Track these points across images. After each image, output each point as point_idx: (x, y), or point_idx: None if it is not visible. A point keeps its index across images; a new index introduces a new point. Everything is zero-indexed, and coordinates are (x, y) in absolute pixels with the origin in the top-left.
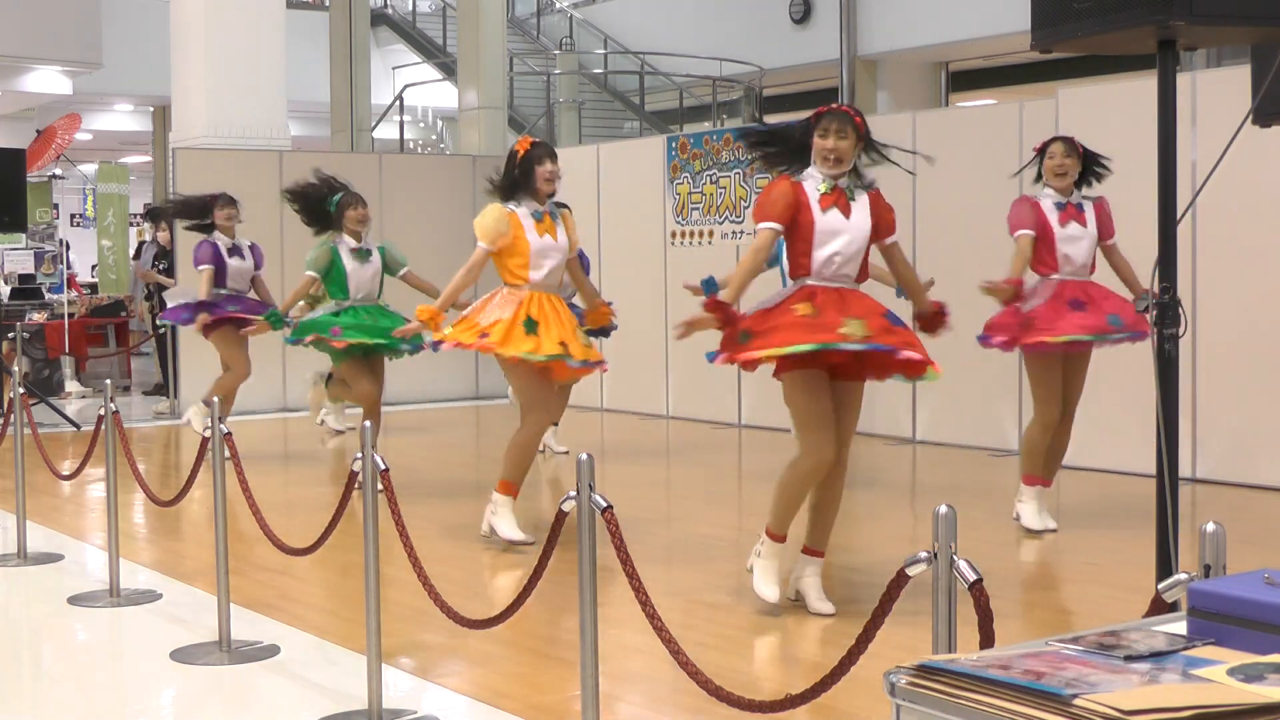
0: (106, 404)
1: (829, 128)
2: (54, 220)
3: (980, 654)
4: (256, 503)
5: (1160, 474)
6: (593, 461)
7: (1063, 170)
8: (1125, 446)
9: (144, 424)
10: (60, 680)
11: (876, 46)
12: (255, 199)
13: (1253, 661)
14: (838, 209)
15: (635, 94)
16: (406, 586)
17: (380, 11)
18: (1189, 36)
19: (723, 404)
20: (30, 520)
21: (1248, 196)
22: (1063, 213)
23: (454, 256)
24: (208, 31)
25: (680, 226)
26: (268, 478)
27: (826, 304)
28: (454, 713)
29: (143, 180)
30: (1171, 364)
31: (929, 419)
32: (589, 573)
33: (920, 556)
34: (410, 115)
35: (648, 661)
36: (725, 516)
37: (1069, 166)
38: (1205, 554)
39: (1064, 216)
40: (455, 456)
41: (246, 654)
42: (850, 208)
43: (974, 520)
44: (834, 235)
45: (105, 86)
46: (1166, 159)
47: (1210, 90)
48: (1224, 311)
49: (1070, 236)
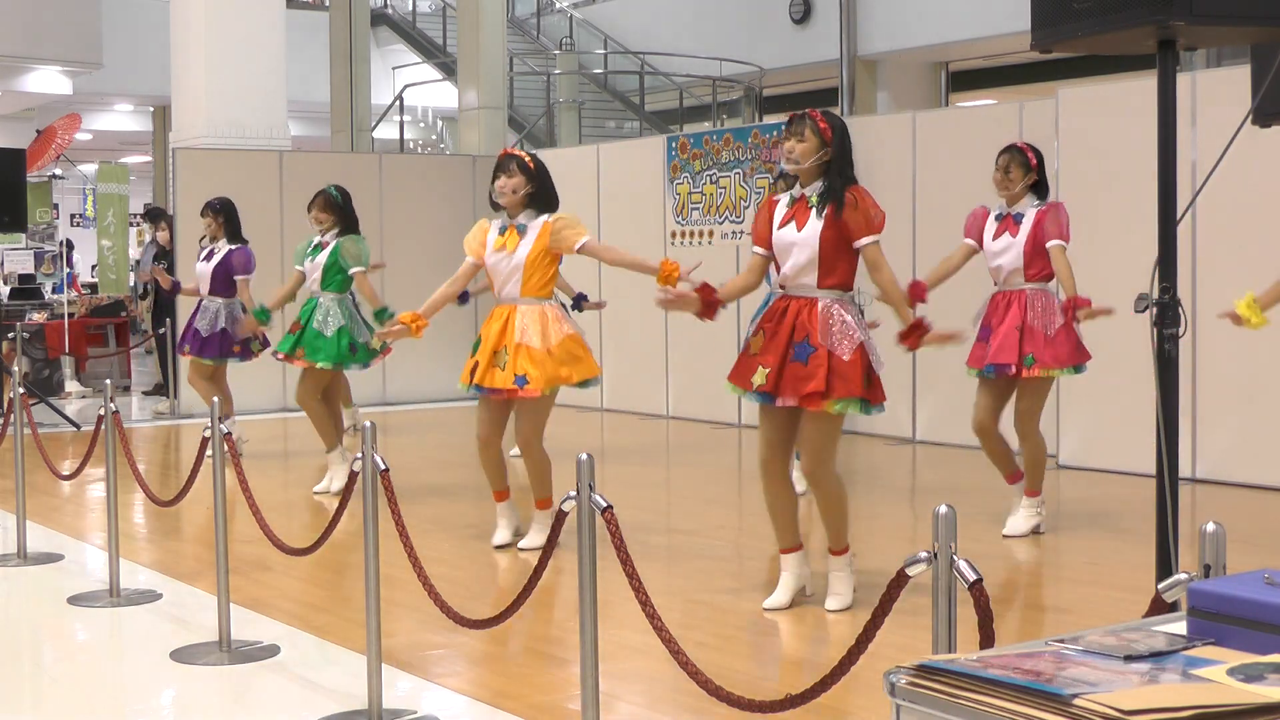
0: (106, 404)
1: (789, 130)
2: (54, 220)
3: (980, 654)
4: (256, 503)
5: (1160, 474)
6: (593, 461)
7: (1007, 183)
8: (1125, 446)
9: (144, 424)
10: (60, 680)
11: (876, 46)
12: (255, 199)
13: (1253, 661)
14: (794, 222)
15: (635, 94)
16: (406, 586)
17: (380, 11)
18: (1189, 36)
19: (723, 404)
20: (30, 520)
21: (1248, 196)
22: (999, 224)
23: (454, 256)
24: (208, 31)
25: (680, 226)
26: (268, 478)
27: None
28: (454, 713)
29: (143, 180)
30: (1171, 364)
31: (929, 419)
32: (589, 573)
33: (920, 556)
34: (410, 115)
35: (648, 661)
36: (725, 516)
37: (1015, 179)
38: (1205, 554)
39: (999, 229)
40: (455, 456)
41: (246, 654)
42: (808, 217)
43: (974, 520)
44: (787, 249)
45: (105, 86)
46: (1166, 159)
47: (1210, 90)
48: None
49: (996, 250)
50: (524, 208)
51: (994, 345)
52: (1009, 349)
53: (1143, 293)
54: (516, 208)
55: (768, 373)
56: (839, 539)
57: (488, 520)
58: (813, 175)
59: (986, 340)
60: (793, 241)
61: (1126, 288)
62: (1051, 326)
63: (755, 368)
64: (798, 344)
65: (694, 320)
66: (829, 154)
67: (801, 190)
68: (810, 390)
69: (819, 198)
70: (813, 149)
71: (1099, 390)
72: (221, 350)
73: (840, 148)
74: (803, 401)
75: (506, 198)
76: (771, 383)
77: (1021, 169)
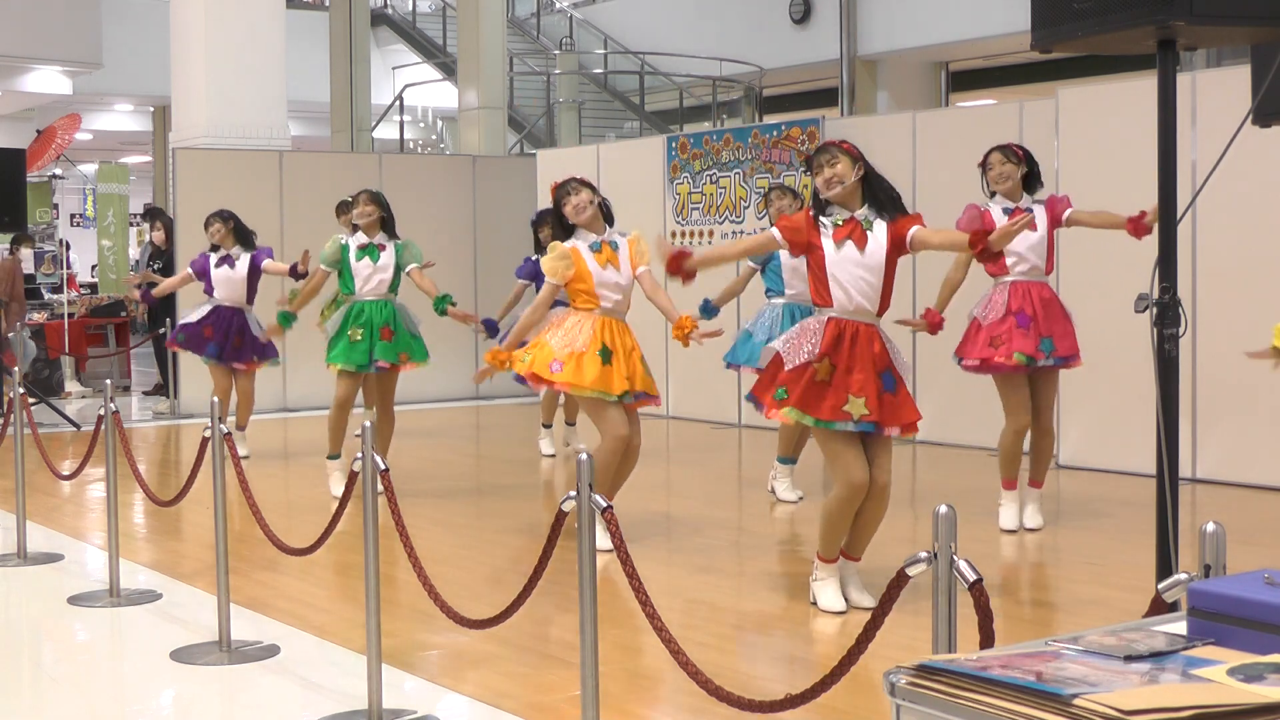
0: (106, 404)
1: (819, 162)
2: (54, 220)
3: (980, 654)
4: (256, 503)
5: (1160, 474)
6: (593, 461)
7: (1002, 177)
8: (1125, 446)
9: (144, 424)
10: (60, 680)
11: (876, 46)
12: (255, 199)
13: (1253, 661)
14: (852, 241)
15: (635, 94)
16: (406, 586)
17: (380, 11)
18: (1189, 36)
19: (723, 404)
20: (30, 520)
21: (1248, 196)
22: (1011, 216)
23: (454, 257)
24: (208, 31)
25: (680, 226)
26: (268, 478)
27: (840, 360)
28: (454, 713)
29: (143, 180)
30: (1171, 364)
31: (929, 419)
32: (589, 573)
33: (920, 557)
34: (410, 115)
35: (648, 661)
36: (725, 517)
37: (1009, 173)
38: (1205, 554)
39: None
40: (455, 457)
41: (246, 654)
42: (866, 239)
43: (974, 520)
44: (850, 270)
45: (105, 86)
46: (1166, 159)
47: (1210, 90)
48: (1224, 311)
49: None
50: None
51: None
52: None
53: (1143, 293)
54: (595, 224)
55: (866, 401)
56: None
57: (488, 520)
58: (855, 196)
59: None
60: (858, 263)
61: (1126, 288)
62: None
63: (844, 397)
64: (882, 373)
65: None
66: (863, 168)
67: (850, 214)
68: (909, 420)
69: (871, 219)
70: (849, 166)
71: (1099, 390)
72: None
73: (868, 164)
74: (904, 430)
75: (583, 214)
76: (875, 412)
77: (1016, 164)
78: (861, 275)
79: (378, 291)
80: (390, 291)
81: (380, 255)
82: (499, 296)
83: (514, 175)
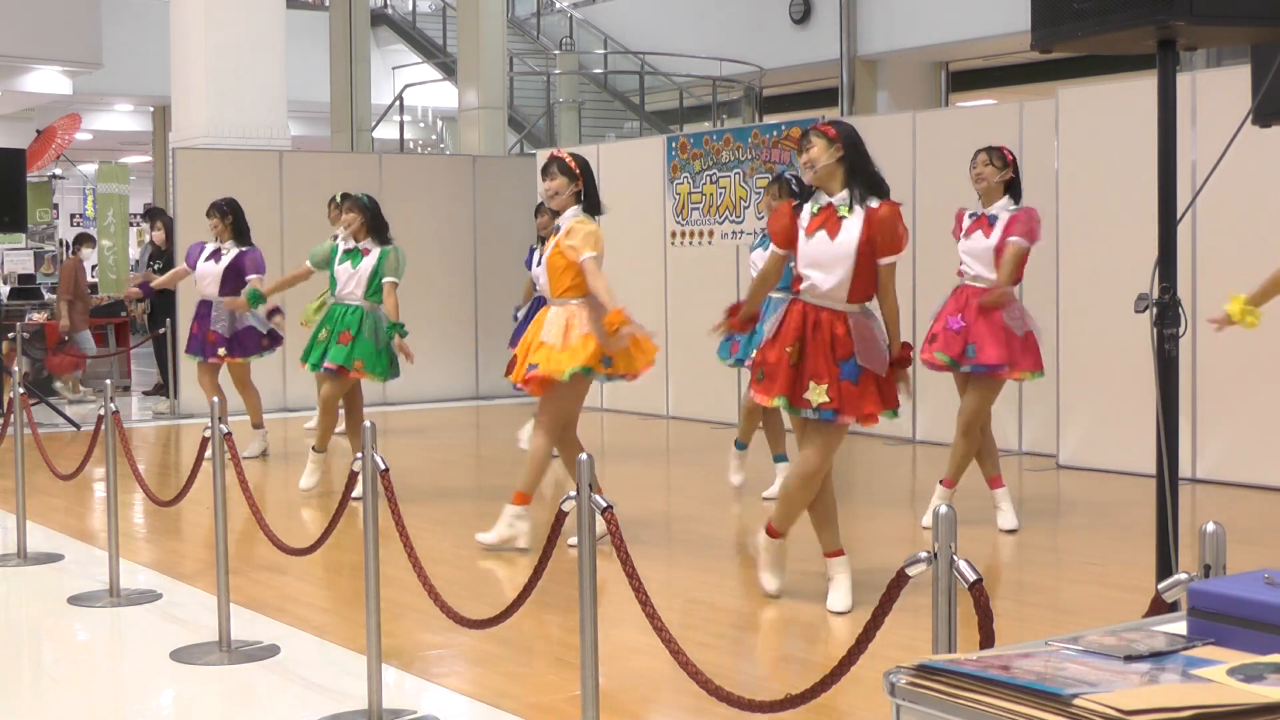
0: (106, 404)
1: (800, 146)
2: (54, 220)
3: (980, 654)
4: (256, 503)
5: (1160, 474)
6: (593, 461)
7: (979, 178)
8: (1125, 446)
9: (144, 424)
10: (60, 680)
11: (876, 46)
12: (255, 199)
13: (1253, 661)
14: (825, 230)
15: (635, 94)
16: (406, 586)
17: (380, 11)
18: (1189, 36)
19: (723, 404)
20: (30, 520)
21: (1248, 196)
22: (973, 222)
23: (454, 257)
24: (208, 31)
25: (680, 226)
26: (268, 478)
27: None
28: (454, 713)
29: (143, 180)
30: (1171, 364)
31: (929, 419)
32: (589, 573)
33: (920, 557)
34: (410, 115)
35: (648, 661)
36: (725, 516)
37: (987, 174)
38: (1205, 554)
39: (972, 226)
40: (455, 457)
41: (246, 654)
42: (839, 227)
43: (974, 520)
44: (816, 259)
45: (105, 86)
46: (1166, 159)
47: (1210, 90)
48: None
49: (969, 249)
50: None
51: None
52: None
53: (1143, 293)
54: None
55: (826, 388)
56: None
57: (488, 520)
58: (834, 180)
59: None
60: (826, 251)
61: (1126, 288)
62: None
63: (806, 384)
64: (842, 361)
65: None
66: (841, 149)
67: (828, 199)
68: (869, 411)
69: (849, 204)
70: (823, 148)
71: (1099, 390)
72: (258, 346)
73: (852, 147)
74: (863, 420)
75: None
76: (835, 400)
77: (999, 164)
78: (830, 263)
79: (352, 296)
80: (368, 298)
81: (361, 260)
82: (499, 296)
83: (514, 175)
